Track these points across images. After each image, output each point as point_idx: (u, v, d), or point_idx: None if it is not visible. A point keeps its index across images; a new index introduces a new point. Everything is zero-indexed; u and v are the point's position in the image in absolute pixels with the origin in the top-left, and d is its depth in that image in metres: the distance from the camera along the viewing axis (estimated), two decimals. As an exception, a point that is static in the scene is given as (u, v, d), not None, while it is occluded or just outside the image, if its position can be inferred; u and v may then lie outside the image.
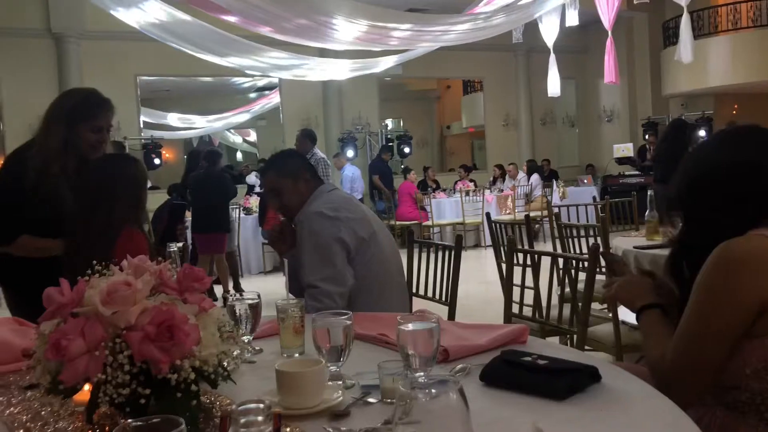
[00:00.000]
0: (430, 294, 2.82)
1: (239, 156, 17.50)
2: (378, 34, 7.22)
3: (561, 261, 2.70)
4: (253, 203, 8.99)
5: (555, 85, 9.89)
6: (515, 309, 2.76)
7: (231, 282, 7.18)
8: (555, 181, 11.74)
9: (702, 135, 12.11)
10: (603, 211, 5.05)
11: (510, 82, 14.57)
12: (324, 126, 12.52)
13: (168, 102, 14.71)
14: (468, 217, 10.01)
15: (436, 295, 2.79)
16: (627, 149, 13.30)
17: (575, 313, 2.48)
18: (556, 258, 2.84)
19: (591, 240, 3.79)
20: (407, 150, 13.26)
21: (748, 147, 1.47)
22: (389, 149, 12.49)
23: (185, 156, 9.74)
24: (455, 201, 10.36)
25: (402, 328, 1.30)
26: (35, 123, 2.75)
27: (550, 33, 9.40)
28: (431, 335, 1.30)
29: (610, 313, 2.93)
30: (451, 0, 9.35)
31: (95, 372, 1.07)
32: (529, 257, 2.78)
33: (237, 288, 7.13)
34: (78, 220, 2.29)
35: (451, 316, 2.64)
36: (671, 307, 1.58)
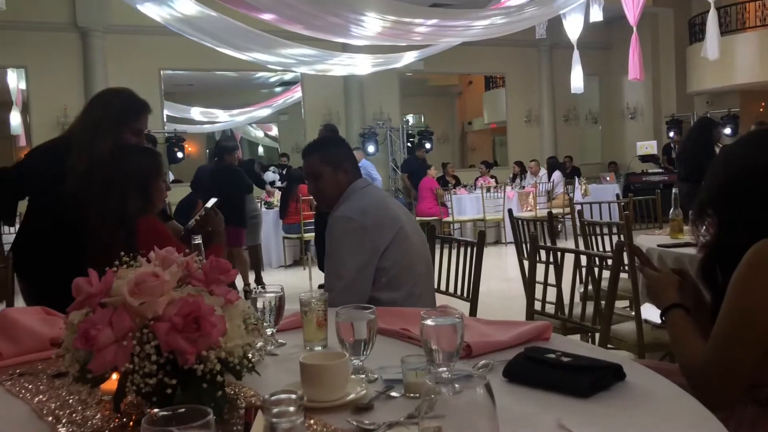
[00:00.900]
0: (451, 290, 2.82)
1: (260, 150, 17.59)
2: (402, 29, 7.22)
3: (584, 258, 2.69)
4: (275, 198, 9.02)
5: (578, 82, 9.82)
6: (537, 306, 2.75)
7: (253, 275, 7.22)
8: (577, 179, 11.65)
9: (728, 133, 11.93)
10: (626, 209, 5.01)
11: (533, 78, 14.48)
12: (345, 121, 12.54)
13: (191, 96, 14.82)
14: (488, 214, 9.96)
15: (457, 291, 2.78)
16: (650, 147, 13.10)
17: (598, 311, 2.46)
18: (579, 255, 2.82)
19: (615, 238, 3.76)
20: (428, 146, 13.21)
21: None
22: (422, 145, 12.42)
23: (207, 150, 9.78)
24: (476, 197, 10.32)
25: (425, 323, 1.30)
26: (61, 115, 2.72)
27: (574, 29, 9.34)
28: (455, 330, 1.30)
29: (632, 312, 2.91)
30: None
31: (123, 362, 1.08)
32: (552, 254, 2.76)
33: (259, 281, 7.16)
34: (92, 211, 2.27)
35: (473, 312, 2.63)
36: (694, 310, 1.56)
